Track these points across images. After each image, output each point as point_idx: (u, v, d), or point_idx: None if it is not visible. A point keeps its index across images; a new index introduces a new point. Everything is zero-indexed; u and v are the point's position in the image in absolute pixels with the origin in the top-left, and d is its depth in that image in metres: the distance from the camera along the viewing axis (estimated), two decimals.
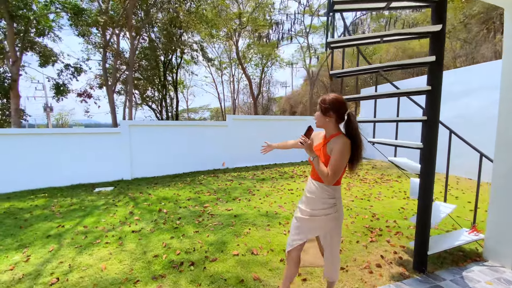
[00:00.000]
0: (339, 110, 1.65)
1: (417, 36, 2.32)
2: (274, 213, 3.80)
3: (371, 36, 2.29)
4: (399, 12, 13.19)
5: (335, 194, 1.70)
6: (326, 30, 2.50)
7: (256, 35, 15.14)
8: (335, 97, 1.67)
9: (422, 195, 2.30)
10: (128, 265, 2.44)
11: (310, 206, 1.73)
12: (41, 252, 2.71)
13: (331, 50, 2.54)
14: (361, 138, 1.66)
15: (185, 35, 11.67)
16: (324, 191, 1.68)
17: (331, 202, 1.69)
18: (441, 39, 2.14)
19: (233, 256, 2.61)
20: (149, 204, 4.24)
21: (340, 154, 1.57)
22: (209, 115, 39.13)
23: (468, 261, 2.53)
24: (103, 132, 6.37)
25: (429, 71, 2.20)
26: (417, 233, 2.36)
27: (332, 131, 1.70)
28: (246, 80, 26.41)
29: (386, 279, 2.26)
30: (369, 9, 2.32)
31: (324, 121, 1.68)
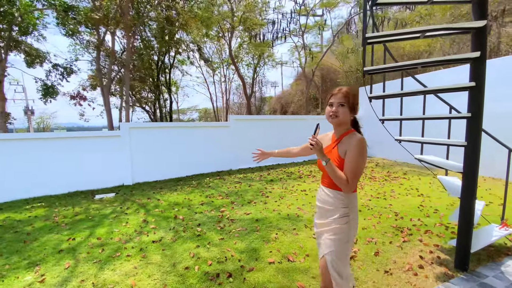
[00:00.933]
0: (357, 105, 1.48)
1: (460, 31, 2.27)
2: (296, 215, 3.70)
3: (413, 31, 2.22)
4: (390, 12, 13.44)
5: (349, 202, 1.45)
6: (364, 24, 2.40)
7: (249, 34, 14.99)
8: (356, 91, 1.51)
9: (465, 194, 2.26)
10: (159, 280, 2.26)
11: (321, 219, 1.55)
12: (57, 270, 2.47)
13: (366, 45, 2.46)
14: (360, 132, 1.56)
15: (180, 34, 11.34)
16: (337, 199, 1.46)
17: (344, 212, 1.45)
18: (484, 34, 2.10)
19: (269, 264, 2.48)
20: (162, 211, 4.02)
21: (359, 154, 1.37)
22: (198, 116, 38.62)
23: (502, 256, 2.52)
24: (102, 136, 6.05)
25: (473, 67, 2.15)
26: (460, 232, 2.32)
27: (345, 128, 1.50)
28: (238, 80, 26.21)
29: (432, 280, 2.21)
30: (410, 3, 2.25)
31: (348, 119, 1.48)
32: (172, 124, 7.35)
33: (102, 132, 6.27)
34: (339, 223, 1.44)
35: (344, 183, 1.36)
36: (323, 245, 1.49)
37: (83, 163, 5.71)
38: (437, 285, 2.15)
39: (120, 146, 6.07)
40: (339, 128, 1.52)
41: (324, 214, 1.52)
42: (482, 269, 2.35)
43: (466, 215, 2.27)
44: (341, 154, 1.43)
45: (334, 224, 1.45)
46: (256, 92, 23.42)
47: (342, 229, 1.44)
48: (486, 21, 2.04)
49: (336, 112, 1.44)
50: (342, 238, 1.44)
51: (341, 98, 1.43)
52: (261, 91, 24.24)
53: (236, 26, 14.62)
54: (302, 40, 13.32)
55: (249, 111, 18.14)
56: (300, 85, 24.26)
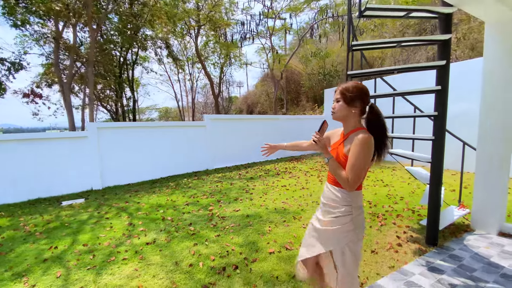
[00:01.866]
0: (365, 100, 1.41)
1: (428, 43, 2.68)
2: (283, 209, 3.90)
3: (390, 41, 2.57)
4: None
5: (352, 200, 1.42)
6: (348, 33, 2.69)
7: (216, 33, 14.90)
8: (362, 86, 1.42)
9: (433, 181, 2.68)
10: (166, 279, 2.25)
11: (325, 216, 1.51)
12: (48, 279, 2.29)
13: (351, 51, 2.75)
14: (387, 134, 1.44)
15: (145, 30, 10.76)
16: (341, 196, 1.44)
17: (346, 210, 1.42)
18: (449, 46, 2.52)
19: (270, 254, 2.63)
20: (146, 213, 3.89)
21: (361, 152, 1.31)
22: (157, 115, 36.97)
23: (462, 232, 3.04)
24: (67, 137, 5.54)
25: (439, 73, 2.57)
26: (430, 213, 2.74)
27: (352, 126, 1.44)
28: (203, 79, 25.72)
29: (410, 255, 2.58)
30: (390, 17, 2.59)
31: (349, 113, 1.42)
32: (144, 124, 7.00)
33: (67, 133, 5.73)
34: (342, 221, 1.42)
35: (344, 181, 1.34)
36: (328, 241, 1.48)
37: (44, 168, 5.18)
38: (415, 258, 2.52)
39: (87, 147, 5.64)
40: (345, 125, 1.49)
41: (328, 211, 1.49)
42: (449, 243, 2.80)
43: (434, 198, 2.70)
44: (346, 151, 1.39)
45: (337, 222, 1.43)
46: (223, 91, 23.29)
47: (345, 227, 1.41)
48: (451, 34, 2.46)
49: (333, 108, 1.46)
50: (346, 236, 1.41)
51: (337, 94, 1.44)
52: (228, 91, 24.15)
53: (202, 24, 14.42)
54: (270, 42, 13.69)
55: (217, 111, 18.02)
56: (266, 85, 24.78)
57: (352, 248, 1.42)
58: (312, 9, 13.50)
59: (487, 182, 2.97)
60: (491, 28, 2.88)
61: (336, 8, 12.94)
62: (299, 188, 5.02)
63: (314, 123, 10.18)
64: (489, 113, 2.92)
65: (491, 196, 2.95)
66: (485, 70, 2.90)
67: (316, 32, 15.60)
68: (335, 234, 1.44)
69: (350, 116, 1.42)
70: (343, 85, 1.43)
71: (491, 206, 2.95)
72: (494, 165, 2.91)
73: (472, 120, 4.87)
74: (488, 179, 2.96)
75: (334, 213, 1.45)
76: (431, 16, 2.51)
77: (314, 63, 18.12)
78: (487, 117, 2.94)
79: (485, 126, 2.96)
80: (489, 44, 2.85)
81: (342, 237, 1.42)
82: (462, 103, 5.76)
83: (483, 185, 3.00)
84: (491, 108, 2.89)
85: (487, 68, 2.89)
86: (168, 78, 21.70)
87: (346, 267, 1.43)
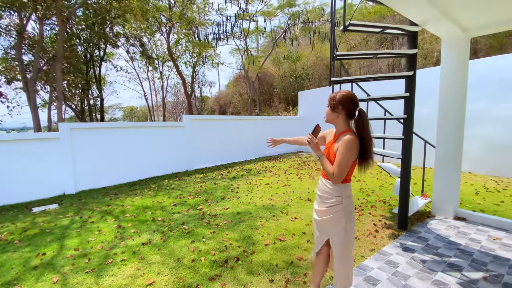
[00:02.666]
0: (348, 106, 1.61)
1: (398, 56, 3.11)
2: (270, 205, 4.13)
3: (368, 53, 2.93)
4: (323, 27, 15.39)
5: (342, 191, 1.64)
6: (332, 45, 3.01)
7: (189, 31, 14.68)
8: (346, 94, 1.63)
9: (404, 174, 3.11)
10: (172, 275, 2.33)
11: (321, 206, 1.73)
12: (45, 286, 2.23)
13: (335, 60, 3.07)
14: (370, 135, 1.61)
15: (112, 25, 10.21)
16: (332, 189, 1.66)
17: (337, 200, 1.64)
18: (415, 59, 2.96)
19: (266, 246, 2.83)
20: (134, 215, 3.84)
21: (345, 151, 1.53)
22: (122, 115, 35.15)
23: (425, 218, 3.54)
24: (36, 138, 5.15)
25: (407, 82, 3.00)
26: (401, 202, 3.17)
27: (341, 128, 1.67)
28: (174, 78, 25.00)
29: (387, 239, 2.97)
30: (368, 32, 2.95)
31: (334, 117, 1.66)
32: (121, 124, 6.71)
33: (37, 134, 5.30)
34: (334, 210, 1.64)
35: (330, 175, 1.57)
36: (325, 230, 1.72)
37: (9, 172, 4.78)
38: (391, 241, 2.91)
39: (59, 149, 5.31)
40: (336, 127, 1.71)
41: (323, 201, 1.71)
42: (416, 227, 3.26)
43: (404, 189, 3.13)
44: (335, 150, 1.61)
45: (330, 211, 1.66)
46: (195, 91, 22.91)
47: (338, 216, 1.63)
48: (417, 50, 2.89)
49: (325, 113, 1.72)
50: (341, 224, 1.64)
51: (327, 102, 1.70)
52: (201, 90, 23.82)
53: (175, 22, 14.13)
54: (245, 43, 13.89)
55: (190, 111, 17.71)
56: (238, 86, 24.93)
57: (344, 231, 1.65)
58: (286, 14, 13.99)
59: (444, 175, 3.51)
60: (446, 44, 3.41)
61: (307, 14, 13.58)
62: (282, 186, 5.30)
63: (290, 124, 10.62)
64: (445, 117, 3.45)
65: (447, 187, 3.49)
66: (442, 79, 3.43)
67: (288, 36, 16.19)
68: (330, 222, 1.67)
69: (336, 119, 1.67)
70: (331, 95, 1.69)
71: (448, 195, 3.49)
72: (449, 161, 3.45)
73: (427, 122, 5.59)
74: (445, 172, 3.50)
75: (328, 203, 1.68)
76: (401, 33, 2.93)
77: (286, 65, 18.76)
78: (443, 120, 3.48)
79: (442, 128, 3.50)
80: (445, 57, 3.37)
81: (337, 224, 1.65)
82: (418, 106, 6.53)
83: (441, 177, 3.53)
84: (447, 113, 3.42)
85: (443, 76, 3.42)
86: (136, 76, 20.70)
87: (344, 252, 1.67)
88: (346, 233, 1.65)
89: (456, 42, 3.30)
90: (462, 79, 3.31)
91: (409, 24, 2.92)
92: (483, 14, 2.81)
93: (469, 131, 5.56)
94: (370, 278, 2.24)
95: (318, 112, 9.98)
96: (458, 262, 2.47)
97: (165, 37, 15.37)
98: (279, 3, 13.10)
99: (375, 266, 2.42)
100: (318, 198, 1.78)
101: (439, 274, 2.28)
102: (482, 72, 5.65)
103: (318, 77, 17.93)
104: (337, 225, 1.65)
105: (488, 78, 5.62)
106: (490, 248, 2.71)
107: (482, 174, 5.79)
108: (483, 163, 5.80)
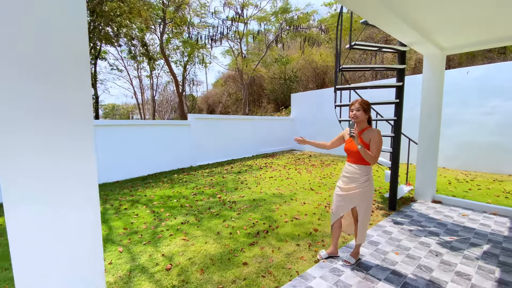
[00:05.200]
0: (370, 110, 2.33)
1: (391, 69, 3.83)
2: (280, 194, 4.75)
3: (367, 67, 3.63)
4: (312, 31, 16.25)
5: (369, 172, 2.29)
6: (336, 61, 3.68)
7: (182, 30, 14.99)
8: (368, 102, 2.35)
9: (393, 165, 3.85)
10: (217, 243, 2.88)
11: (351, 184, 2.31)
12: (114, 254, 2.70)
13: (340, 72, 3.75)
14: None
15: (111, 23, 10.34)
16: (362, 171, 2.26)
17: (367, 178, 2.27)
18: (403, 72, 3.70)
19: (285, 223, 3.45)
20: (162, 203, 4.32)
21: (380, 139, 2.20)
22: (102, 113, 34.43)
23: (409, 202, 4.32)
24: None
25: (397, 90, 3.73)
26: (391, 188, 3.91)
27: (364, 125, 2.31)
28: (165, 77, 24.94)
29: (381, 217, 3.68)
30: (369, 50, 3.64)
31: (364, 117, 2.28)
32: (129, 122, 6.95)
33: None
34: (365, 185, 2.27)
35: (373, 158, 2.17)
36: (355, 200, 2.32)
37: None
38: (384, 218, 3.62)
39: None
40: (359, 125, 2.32)
41: (353, 180, 2.29)
42: (402, 209, 4.00)
43: (393, 177, 3.87)
44: (366, 141, 2.24)
45: (363, 186, 2.27)
46: (185, 90, 23.07)
47: (367, 189, 2.28)
48: (405, 65, 3.62)
49: (356, 115, 2.29)
50: (369, 194, 2.30)
51: (358, 105, 2.28)
52: (191, 89, 24.00)
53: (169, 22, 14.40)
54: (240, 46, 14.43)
55: (182, 110, 17.95)
56: (227, 86, 25.35)
57: (370, 201, 2.34)
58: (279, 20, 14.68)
59: (424, 167, 4.29)
60: (427, 59, 4.19)
61: (299, 21, 14.37)
62: (285, 178, 5.94)
63: (284, 124, 11.29)
64: (426, 119, 4.24)
65: (427, 177, 4.28)
66: (423, 88, 4.22)
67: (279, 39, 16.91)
68: (361, 194, 2.28)
69: (364, 119, 2.32)
70: (361, 100, 2.33)
71: (427, 184, 4.29)
72: (429, 155, 4.25)
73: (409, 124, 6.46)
74: (425, 164, 4.29)
75: (359, 181, 2.30)
76: (393, 51, 3.65)
77: (275, 67, 19.48)
78: (424, 121, 4.26)
79: (424, 128, 4.28)
80: (426, 70, 4.16)
81: (367, 195, 2.30)
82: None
83: (422, 169, 4.32)
84: (427, 116, 4.21)
85: (424, 85, 4.21)
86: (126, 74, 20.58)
87: (366, 214, 2.35)
88: (371, 201, 2.34)
89: (435, 58, 4.09)
90: (439, 88, 4.11)
91: (399, 45, 3.65)
92: (456, 38, 3.58)
93: (443, 131, 6.50)
94: (373, 241, 2.92)
95: (310, 113, 10.75)
96: (436, 230, 3.22)
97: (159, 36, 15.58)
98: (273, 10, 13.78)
99: (375, 234, 3.11)
100: (346, 179, 2.36)
101: (423, 238, 3.00)
102: (454, 80, 6.61)
103: (306, 79, 18.81)
104: (367, 196, 2.29)
105: (459, 86, 6.59)
106: (460, 221, 3.50)
107: (453, 169, 6.76)
108: (454, 159, 6.78)
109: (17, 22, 0.92)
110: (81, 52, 1.08)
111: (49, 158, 1.02)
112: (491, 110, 6.22)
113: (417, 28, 3.10)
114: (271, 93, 19.88)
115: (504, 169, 6.08)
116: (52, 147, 1.03)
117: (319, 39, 15.36)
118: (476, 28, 3.15)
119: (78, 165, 1.10)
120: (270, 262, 2.51)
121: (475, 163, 6.48)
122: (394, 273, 2.33)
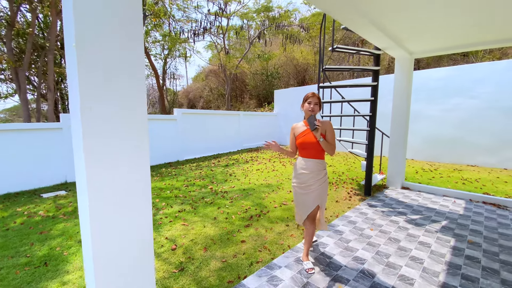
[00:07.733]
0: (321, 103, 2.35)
1: (367, 70, 4.28)
2: (267, 184, 5.10)
3: (347, 68, 4.05)
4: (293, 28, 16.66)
5: (325, 166, 2.29)
6: (320, 62, 4.06)
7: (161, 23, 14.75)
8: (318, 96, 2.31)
9: (368, 156, 4.34)
10: (215, 227, 3.17)
11: (310, 181, 2.21)
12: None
13: (324, 72, 4.14)
14: None
15: None
16: (319, 164, 2.23)
17: (324, 171, 2.26)
18: (378, 73, 4.16)
19: (275, 208, 3.80)
20: (156, 194, 4.49)
21: (334, 130, 2.27)
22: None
23: (382, 189, 4.86)
24: (40, 129, 5.35)
25: (372, 89, 4.19)
26: (366, 175, 4.40)
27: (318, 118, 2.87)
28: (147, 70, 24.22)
29: (357, 201, 4.16)
30: (349, 52, 4.05)
31: (318, 111, 2.28)
32: None
33: (40, 124, 5.45)
34: (324, 180, 2.24)
35: (334, 149, 2.22)
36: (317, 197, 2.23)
37: (15, 162, 4.97)
38: (361, 202, 4.10)
39: (61, 139, 5.57)
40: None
41: (313, 176, 2.21)
42: (376, 194, 4.52)
43: (369, 167, 4.36)
44: (322, 132, 2.20)
45: (322, 181, 2.23)
46: (166, 85, 22.63)
47: (326, 183, 2.26)
48: (379, 67, 4.09)
49: (313, 108, 2.23)
50: (327, 186, 2.28)
51: (316, 100, 2.25)
52: (172, 84, 23.57)
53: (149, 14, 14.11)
54: (223, 41, 14.49)
55: (163, 104, 17.69)
56: (209, 80, 25.21)
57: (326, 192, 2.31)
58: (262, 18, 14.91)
59: (395, 157, 4.85)
60: (398, 62, 4.71)
61: (281, 19, 14.71)
62: (271, 170, 6.31)
63: (267, 119, 11.65)
64: (396, 115, 4.78)
65: (397, 166, 4.84)
66: (395, 87, 4.74)
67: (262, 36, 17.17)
68: (324, 187, 2.26)
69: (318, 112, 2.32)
70: (317, 95, 2.29)
71: (397, 172, 4.85)
72: (399, 147, 4.80)
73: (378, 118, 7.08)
74: (395, 155, 4.84)
75: (320, 176, 2.24)
76: (370, 54, 4.10)
77: (257, 63, 19.75)
78: (395, 116, 4.80)
79: (395, 122, 4.82)
80: (397, 71, 4.67)
81: (326, 187, 2.28)
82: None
83: (393, 159, 4.87)
84: (398, 113, 4.75)
85: (396, 85, 4.73)
86: None
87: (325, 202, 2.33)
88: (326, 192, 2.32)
89: (405, 61, 4.61)
90: (408, 87, 4.64)
91: (375, 49, 4.10)
92: (423, 44, 4.09)
93: (411, 126, 7.20)
94: (351, 221, 3.36)
95: (292, 109, 11.20)
96: (404, 211, 3.74)
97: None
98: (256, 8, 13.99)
99: (353, 215, 3.56)
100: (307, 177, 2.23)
101: (393, 217, 3.50)
102: (421, 80, 7.32)
103: (287, 76, 19.29)
104: (326, 188, 2.29)
105: (425, 85, 7.31)
106: (424, 203, 4.06)
107: (420, 160, 7.52)
108: (421, 152, 7.54)
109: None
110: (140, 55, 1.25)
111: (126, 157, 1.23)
112: (453, 107, 7.00)
113: (389, 34, 3.55)
114: (253, 89, 20.16)
115: (464, 160, 6.91)
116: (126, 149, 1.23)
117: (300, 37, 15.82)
118: (440, 37, 3.65)
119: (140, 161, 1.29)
120: (264, 239, 2.84)
121: (438, 155, 7.26)
122: (369, 244, 2.76)
